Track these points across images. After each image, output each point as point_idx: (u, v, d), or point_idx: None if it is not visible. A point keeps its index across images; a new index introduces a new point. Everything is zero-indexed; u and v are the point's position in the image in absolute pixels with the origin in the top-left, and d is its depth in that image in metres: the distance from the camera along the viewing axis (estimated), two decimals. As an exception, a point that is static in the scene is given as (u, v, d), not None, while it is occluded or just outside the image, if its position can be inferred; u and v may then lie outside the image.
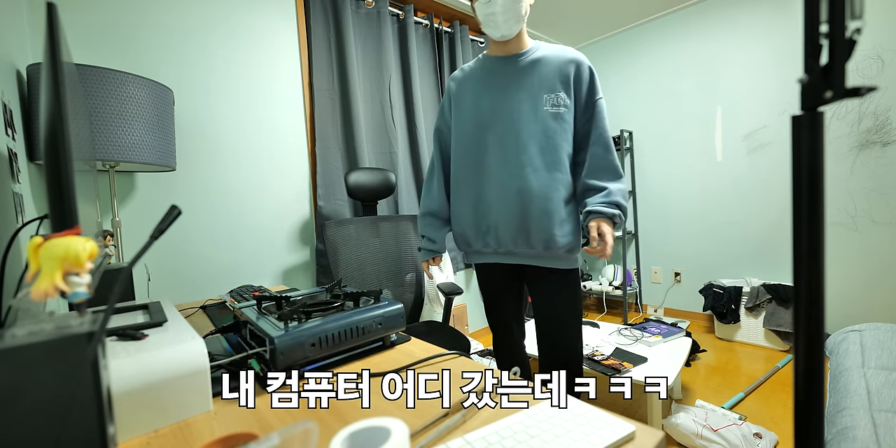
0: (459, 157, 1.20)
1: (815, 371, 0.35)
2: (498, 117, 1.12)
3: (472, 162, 1.17)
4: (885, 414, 0.95)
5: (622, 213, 1.05)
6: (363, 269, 1.85)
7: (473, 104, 1.16)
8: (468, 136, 1.17)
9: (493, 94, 1.14)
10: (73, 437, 0.33)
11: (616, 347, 1.67)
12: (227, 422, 0.49)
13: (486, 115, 1.14)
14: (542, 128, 1.09)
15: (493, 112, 1.13)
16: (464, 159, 1.19)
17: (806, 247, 0.35)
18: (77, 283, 0.35)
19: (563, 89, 1.09)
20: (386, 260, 1.76)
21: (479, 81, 1.17)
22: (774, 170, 2.44)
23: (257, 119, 1.80)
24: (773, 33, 2.39)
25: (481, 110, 1.15)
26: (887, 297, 2.11)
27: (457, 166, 1.21)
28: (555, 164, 1.10)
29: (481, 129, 1.14)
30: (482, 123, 1.14)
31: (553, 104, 1.09)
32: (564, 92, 1.09)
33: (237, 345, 0.73)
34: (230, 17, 1.72)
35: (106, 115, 1.09)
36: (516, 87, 1.12)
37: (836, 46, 0.31)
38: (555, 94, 1.09)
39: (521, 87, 1.11)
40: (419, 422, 0.47)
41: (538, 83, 1.10)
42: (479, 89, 1.16)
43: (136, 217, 1.47)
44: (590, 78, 1.11)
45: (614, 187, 1.07)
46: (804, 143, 0.34)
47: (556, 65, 1.10)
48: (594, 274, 3.35)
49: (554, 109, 1.09)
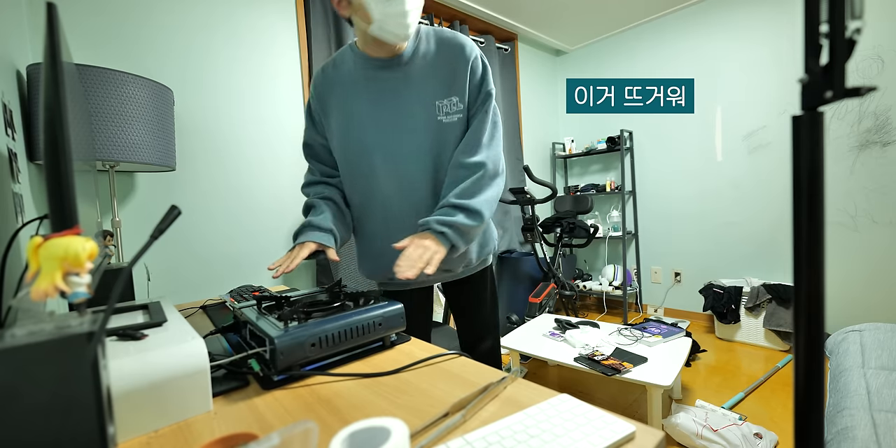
0: (348, 185, 1.00)
1: (815, 371, 0.35)
2: (387, 137, 0.91)
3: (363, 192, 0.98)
4: (885, 414, 0.95)
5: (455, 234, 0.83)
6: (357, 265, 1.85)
7: (355, 120, 0.93)
8: (352, 159, 0.96)
9: (376, 105, 0.91)
10: (72, 437, 0.33)
11: (616, 347, 1.67)
12: (227, 422, 0.49)
13: (372, 134, 0.92)
14: (438, 143, 0.91)
15: (379, 131, 0.91)
16: (353, 187, 0.99)
17: (806, 247, 0.35)
18: (77, 283, 0.35)
19: (457, 91, 0.90)
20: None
21: (354, 88, 0.92)
22: (774, 170, 2.45)
23: (257, 119, 1.80)
24: (773, 33, 2.39)
25: (365, 128, 0.92)
26: (887, 297, 2.11)
27: (349, 194, 1.01)
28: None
29: (367, 153, 0.93)
30: (367, 146, 0.93)
31: (447, 112, 0.90)
32: (458, 94, 0.90)
33: (237, 345, 0.73)
34: (231, 17, 1.72)
35: (106, 115, 1.09)
36: (406, 96, 0.90)
37: (836, 46, 0.31)
38: (448, 100, 0.90)
39: (411, 94, 0.90)
40: (419, 422, 0.47)
41: (430, 87, 0.90)
42: (357, 99, 0.92)
43: (136, 217, 1.47)
44: (483, 71, 0.91)
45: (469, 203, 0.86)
46: (804, 143, 0.34)
47: (444, 61, 0.90)
48: (594, 274, 3.35)
49: (448, 118, 0.90)
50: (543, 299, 2.47)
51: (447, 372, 0.61)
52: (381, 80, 0.91)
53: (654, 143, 2.97)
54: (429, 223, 0.83)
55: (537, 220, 2.66)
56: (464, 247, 0.86)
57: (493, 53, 2.83)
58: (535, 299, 2.45)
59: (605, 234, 3.06)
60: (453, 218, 0.84)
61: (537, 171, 3.23)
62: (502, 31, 2.94)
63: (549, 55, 3.46)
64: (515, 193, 2.60)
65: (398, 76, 0.91)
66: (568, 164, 3.52)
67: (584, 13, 2.81)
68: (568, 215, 2.80)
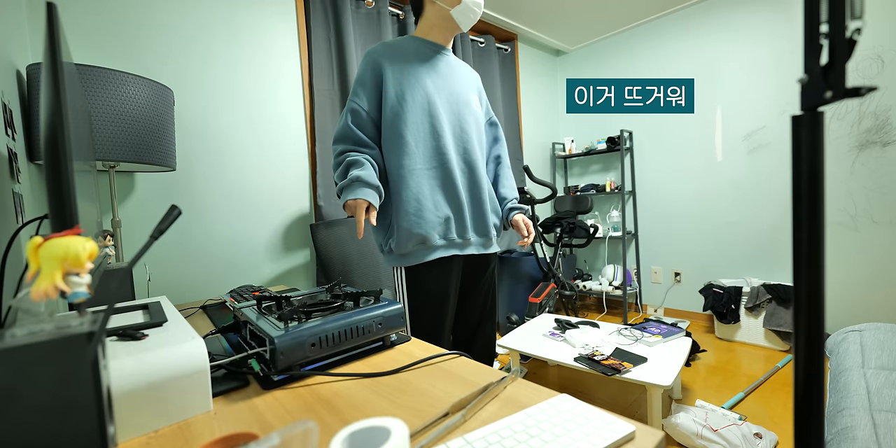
0: (413, 141, 1.08)
1: (815, 371, 0.35)
2: (451, 105, 1.13)
3: (427, 147, 1.09)
4: (885, 414, 0.95)
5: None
6: (362, 269, 1.85)
7: (428, 86, 1.10)
8: (416, 117, 1.08)
9: (443, 79, 1.13)
10: (72, 437, 0.33)
11: (616, 347, 1.67)
12: (227, 422, 0.49)
13: (444, 99, 1.12)
14: (478, 120, 1.19)
15: (444, 98, 1.12)
16: (417, 143, 1.08)
17: (806, 247, 0.35)
18: (77, 283, 0.35)
19: (478, 95, 1.21)
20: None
21: (422, 63, 1.12)
22: (774, 170, 2.45)
23: (257, 119, 1.80)
24: (773, 33, 2.39)
25: (439, 93, 1.11)
26: (887, 297, 2.11)
27: (407, 150, 1.08)
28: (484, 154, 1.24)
29: (435, 114, 1.10)
30: (435, 108, 1.10)
31: (476, 104, 1.19)
32: (478, 94, 1.22)
33: (237, 345, 0.73)
34: (231, 17, 1.72)
35: (106, 115, 1.09)
36: (458, 78, 1.16)
37: (836, 46, 0.31)
38: (477, 96, 1.20)
39: (460, 79, 1.16)
40: (419, 422, 0.47)
41: (467, 80, 1.19)
42: (428, 71, 1.11)
43: (136, 217, 1.47)
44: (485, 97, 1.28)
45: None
46: (804, 143, 0.34)
47: (468, 71, 1.23)
48: (594, 274, 3.35)
49: (477, 109, 1.19)
50: (543, 299, 2.47)
51: (447, 372, 0.61)
52: (439, 60, 1.15)
53: (654, 143, 2.97)
54: (525, 210, 1.26)
55: (537, 220, 2.66)
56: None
57: (493, 53, 2.83)
58: (535, 299, 2.45)
59: (605, 234, 3.06)
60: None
61: (537, 171, 3.23)
62: (502, 31, 2.94)
63: (549, 55, 3.46)
64: (515, 193, 2.59)
65: (447, 61, 1.16)
66: (568, 164, 3.52)
67: (584, 13, 2.81)
68: (568, 215, 2.80)
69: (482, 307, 1.26)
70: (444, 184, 1.11)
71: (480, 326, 1.25)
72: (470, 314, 1.24)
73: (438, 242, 1.11)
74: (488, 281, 1.27)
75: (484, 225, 1.18)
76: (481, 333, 1.26)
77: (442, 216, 1.11)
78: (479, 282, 1.24)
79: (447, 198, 1.11)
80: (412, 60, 1.11)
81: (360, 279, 1.82)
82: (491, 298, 1.28)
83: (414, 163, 1.08)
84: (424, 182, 1.09)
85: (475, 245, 1.18)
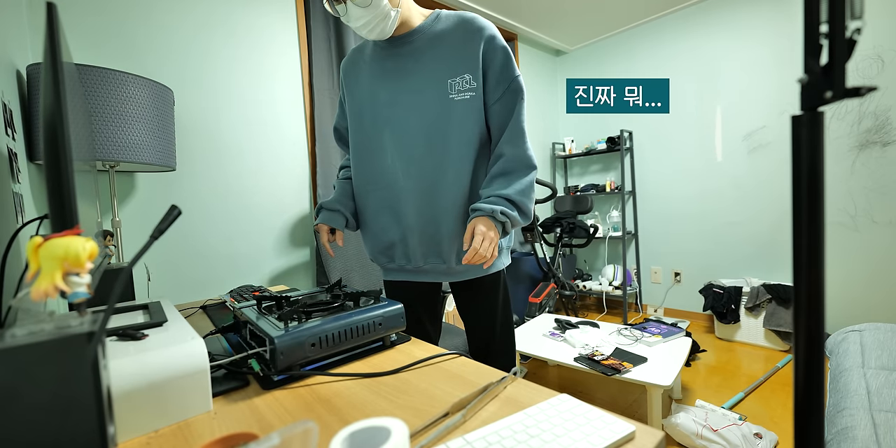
0: (357, 161, 1.03)
1: (815, 371, 0.35)
2: (395, 113, 0.94)
3: (370, 168, 1.00)
4: (885, 414, 0.95)
5: (512, 211, 0.85)
6: (363, 269, 1.85)
7: (368, 97, 0.98)
8: (362, 135, 1.00)
9: (388, 83, 0.95)
10: (72, 437, 0.33)
11: (616, 347, 1.67)
12: (227, 422, 0.49)
13: (383, 110, 0.96)
14: (446, 121, 0.91)
15: (389, 107, 0.95)
16: (361, 163, 1.02)
17: (806, 247, 0.35)
18: (77, 283, 0.35)
19: (469, 69, 0.89)
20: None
21: (370, 68, 0.98)
22: (774, 170, 2.45)
23: (257, 119, 1.80)
24: (773, 33, 2.39)
25: (375, 104, 0.97)
26: (887, 297, 2.11)
27: (356, 171, 1.03)
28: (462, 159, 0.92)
29: (377, 128, 0.97)
30: (377, 121, 0.97)
31: (458, 89, 0.89)
32: (471, 72, 0.89)
33: (237, 345, 0.73)
34: (230, 17, 1.72)
35: (106, 115, 1.09)
36: (417, 74, 0.92)
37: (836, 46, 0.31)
38: (460, 77, 0.89)
39: (421, 72, 0.92)
40: (419, 422, 0.47)
41: (443, 65, 0.90)
42: (371, 78, 0.98)
43: (136, 217, 1.47)
44: (504, 53, 0.90)
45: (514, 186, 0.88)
46: (804, 143, 0.34)
47: (458, 39, 0.90)
48: (594, 274, 3.35)
49: (461, 96, 0.89)
50: (543, 299, 2.47)
51: (447, 372, 0.61)
52: (394, 58, 0.95)
53: (653, 143, 2.97)
54: (494, 211, 0.84)
55: (537, 220, 2.66)
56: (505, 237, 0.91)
57: (493, 53, 2.83)
58: (535, 299, 2.45)
59: (605, 234, 3.06)
60: (514, 213, 0.86)
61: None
62: (502, 31, 2.94)
63: (549, 55, 3.46)
64: (515, 193, 2.59)
65: (410, 55, 0.93)
66: (568, 164, 3.52)
67: (584, 13, 2.81)
68: (568, 215, 2.80)
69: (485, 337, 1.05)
70: (389, 206, 0.98)
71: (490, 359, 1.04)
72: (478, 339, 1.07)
73: (389, 265, 1.05)
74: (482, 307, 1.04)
75: (438, 252, 0.96)
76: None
77: (386, 241, 1.01)
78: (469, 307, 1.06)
79: (394, 221, 0.99)
80: (362, 71, 1.00)
81: (361, 279, 1.82)
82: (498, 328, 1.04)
83: (362, 183, 1.02)
84: (370, 203, 1.02)
85: (432, 273, 1.01)
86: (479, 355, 1.07)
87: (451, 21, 0.92)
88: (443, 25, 0.92)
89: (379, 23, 0.87)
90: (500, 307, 1.05)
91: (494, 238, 0.84)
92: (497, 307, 1.04)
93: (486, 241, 0.82)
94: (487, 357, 1.05)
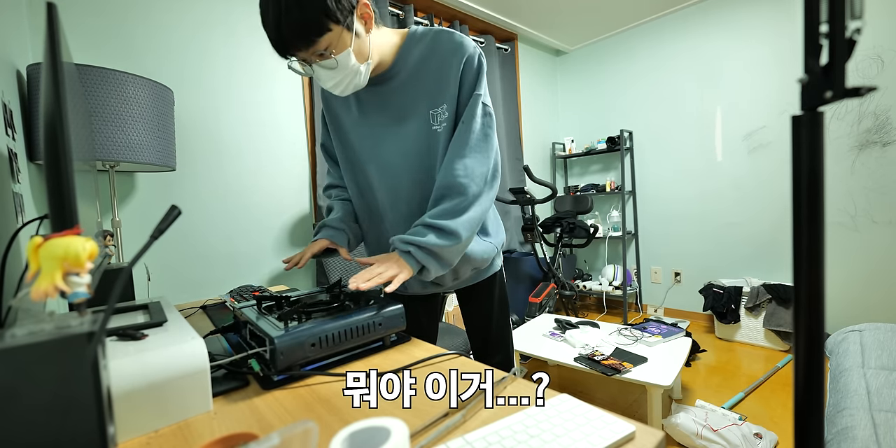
0: (351, 193, 1.03)
1: (815, 371, 0.35)
2: (379, 149, 0.91)
3: (361, 205, 1.01)
4: (885, 414, 0.95)
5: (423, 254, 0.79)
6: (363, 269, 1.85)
7: (352, 133, 0.96)
8: (350, 173, 1.00)
9: (370, 118, 0.92)
10: (72, 437, 0.33)
11: (616, 347, 1.67)
12: (227, 422, 0.49)
13: (367, 147, 0.93)
14: (429, 154, 0.88)
15: (373, 143, 0.92)
16: (354, 197, 1.02)
17: (806, 247, 0.35)
18: (77, 283, 0.35)
19: (448, 98, 0.85)
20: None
21: (353, 103, 0.94)
22: (774, 170, 2.45)
23: (257, 119, 1.80)
24: (773, 33, 2.39)
25: (360, 141, 0.94)
26: (887, 297, 2.11)
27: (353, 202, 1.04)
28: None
29: (362, 166, 0.95)
30: (362, 159, 0.95)
31: (439, 121, 0.86)
32: (448, 102, 0.85)
33: (237, 345, 0.73)
34: (230, 16, 1.72)
35: (106, 115, 1.09)
36: (399, 107, 0.88)
37: (836, 46, 0.31)
38: (440, 108, 0.85)
39: (405, 105, 0.88)
40: (419, 422, 0.47)
41: (423, 95, 0.86)
42: (352, 114, 0.94)
43: (136, 217, 1.47)
44: (477, 73, 0.85)
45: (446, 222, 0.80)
46: (804, 143, 0.34)
47: (437, 66, 0.85)
48: (594, 274, 3.35)
49: (440, 128, 0.86)
50: (543, 299, 2.47)
51: (447, 372, 0.61)
52: (375, 94, 0.90)
53: (653, 143, 2.97)
54: (394, 242, 0.81)
55: (537, 220, 2.66)
56: (436, 267, 0.82)
57: (493, 53, 2.83)
58: (535, 299, 2.45)
59: (605, 234, 3.06)
60: (423, 238, 0.79)
61: (537, 171, 3.23)
62: (502, 31, 2.94)
63: (549, 55, 3.46)
64: (515, 193, 2.60)
65: (390, 88, 0.88)
66: (568, 164, 3.52)
67: (584, 13, 2.81)
68: (568, 215, 2.80)
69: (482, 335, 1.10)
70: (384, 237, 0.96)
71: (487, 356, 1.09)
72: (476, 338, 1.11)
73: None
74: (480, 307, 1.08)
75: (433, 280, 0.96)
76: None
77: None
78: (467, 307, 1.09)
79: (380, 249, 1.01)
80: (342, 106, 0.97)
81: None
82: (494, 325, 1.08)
83: (359, 214, 1.04)
84: (369, 234, 1.04)
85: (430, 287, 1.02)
86: (479, 354, 1.11)
87: (426, 42, 0.86)
88: (420, 50, 0.86)
89: (351, 81, 0.81)
90: (497, 306, 1.08)
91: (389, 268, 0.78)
92: (493, 306, 1.07)
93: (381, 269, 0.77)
94: (485, 355, 1.10)
